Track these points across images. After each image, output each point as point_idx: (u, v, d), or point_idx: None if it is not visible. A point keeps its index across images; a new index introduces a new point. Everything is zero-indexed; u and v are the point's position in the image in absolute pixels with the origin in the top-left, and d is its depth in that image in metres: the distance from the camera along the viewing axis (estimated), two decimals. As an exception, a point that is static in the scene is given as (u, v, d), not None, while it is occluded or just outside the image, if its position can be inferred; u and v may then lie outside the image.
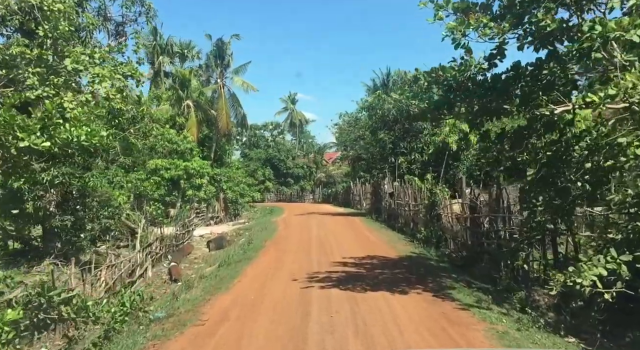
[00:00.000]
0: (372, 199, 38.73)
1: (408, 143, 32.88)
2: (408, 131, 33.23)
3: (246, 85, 44.63)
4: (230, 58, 45.08)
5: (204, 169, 40.56)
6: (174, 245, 28.53)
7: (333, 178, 68.12)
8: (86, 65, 14.51)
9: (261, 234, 26.72)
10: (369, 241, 20.33)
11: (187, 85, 43.09)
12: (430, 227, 19.94)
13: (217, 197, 44.36)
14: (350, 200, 47.39)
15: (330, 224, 28.33)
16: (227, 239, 31.13)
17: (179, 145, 39.29)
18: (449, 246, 18.36)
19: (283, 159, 69.45)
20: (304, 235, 22.81)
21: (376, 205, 35.88)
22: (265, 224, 32.03)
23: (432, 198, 19.95)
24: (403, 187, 27.27)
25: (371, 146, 35.00)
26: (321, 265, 14.69)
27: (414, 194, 24.40)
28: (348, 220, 31.60)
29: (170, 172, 38.68)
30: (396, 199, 27.99)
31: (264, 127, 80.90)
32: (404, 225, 25.51)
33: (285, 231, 25.76)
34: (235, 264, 16.99)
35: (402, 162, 32.29)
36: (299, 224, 29.09)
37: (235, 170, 46.77)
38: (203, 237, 34.60)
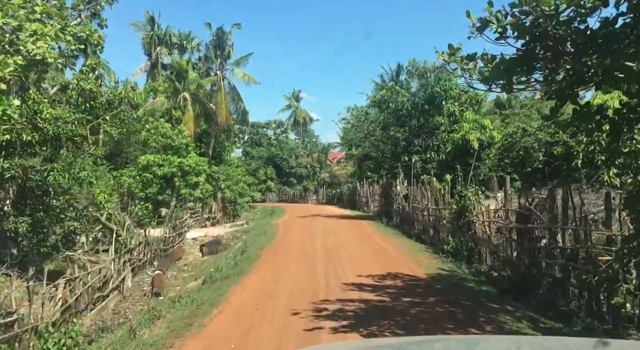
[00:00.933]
0: (381, 201, 35.08)
1: (423, 140, 29.24)
2: (423, 127, 29.57)
3: (247, 77, 41.08)
4: (231, 49, 41.55)
5: (200, 166, 36.95)
6: (162, 249, 25.03)
7: (337, 178, 64.54)
8: (22, 21, 10.95)
9: (259, 239, 23.13)
10: (385, 252, 16.68)
11: (184, 77, 39.50)
12: (459, 236, 16.29)
13: (215, 197, 40.81)
14: (357, 202, 43.76)
15: (336, 229, 24.73)
16: (223, 242, 27.60)
17: (173, 140, 35.71)
18: (484, 261, 14.72)
19: (286, 158, 65.89)
20: (307, 243, 19.17)
21: (386, 208, 32.24)
22: (265, 227, 28.44)
23: (461, 202, 16.30)
24: (420, 189, 23.62)
25: (382, 143, 31.38)
26: (330, 289, 11.06)
27: (434, 197, 20.75)
28: (356, 224, 27.98)
29: (163, 168, 35.09)
30: (411, 202, 24.36)
31: (267, 126, 77.38)
32: (422, 231, 21.86)
33: (285, 237, 22.17)
34: (221, 282, 13.41)
35: (417, 161, 28.65)
36: (301, 228, 25.49)
37: (235, 169, 43.19)
38: (196, 240, 31.08)
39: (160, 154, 35.79)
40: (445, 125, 29.05)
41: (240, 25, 41.62)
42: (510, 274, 12.57)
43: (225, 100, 40.60)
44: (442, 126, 29.04)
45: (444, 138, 28.87)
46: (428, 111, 29.65)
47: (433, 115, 29.47)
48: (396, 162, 29.80)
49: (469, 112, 28.34)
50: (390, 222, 28.65)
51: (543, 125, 25.70)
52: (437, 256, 16.11)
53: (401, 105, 29.24)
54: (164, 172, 34.92)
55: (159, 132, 35.75)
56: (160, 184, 35.57)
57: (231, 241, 29.32)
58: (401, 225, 26.25)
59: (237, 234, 30.28)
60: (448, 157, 28.27)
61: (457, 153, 27.95)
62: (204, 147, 41.53)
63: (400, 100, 29.27)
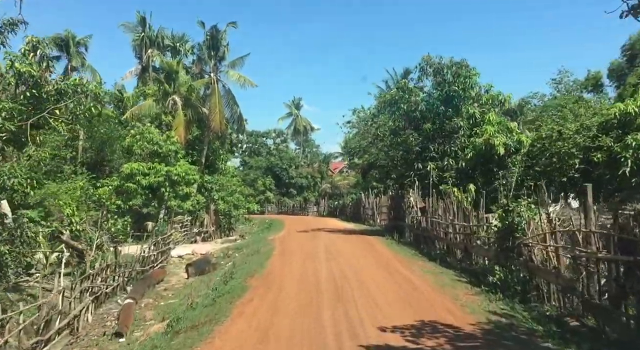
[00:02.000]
0: (390, 214, 31.02)
1: (439, 146, 25.24)
2: (439, 131, 25.59)
3: (243, 79, 37.12)
4: (225, 49, 37.66)
5: (190, 176, 32.92)
6: (140, 270, 20.98)
7: (339, 189, 60.52)
8: None
9: (250, 261, 19.09)
10: (410, 285, 12.51)
11: (174, 78, 35.61)
12: (507, 264, 12.20)
13: (207, 209, 36.73)
14: (361, 215, 39.66)
15: (342, 248, 20.62)
16: (212, 261, 23.56)
17: (160, 147, 31.72)
18: (546, 300, 10.65)
19: (285, 167, 61.89)
20: (307, 270, 14.98)
21: (396, 223, 28.17)
22: (259, 244, 24.36)
23: (508, 218, 12.23)
24: (442, 201, 19.58)
25: (392, 149, 27.36)
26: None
27: (462, 211, 16.68)
28: (363, 241, 23.89)
29: (149, 178, 31.06)
30: (431, 216, 20.29)
31: (266, 135, 73.50)
32: (447, 253, 17.80)
33: (281, 260, 18.04)
34: (189, 332, 9.36)
35: (432, 169, 24.65)
36: (300, 247, 21.39)
37: (230, 178, 39.14)
38: (183, 258, 26.96)
39: (146, 161, 31.82)
40: (464, 128, 25.08)
41: (236, 24, 37.83)
42: (603, 325, 8.50)
43: (220, 104, 36.67)
44: (461, 130, 25.07)
45: (464, 143, 24.90)
46: (444, 113, 25.70)
47: (450, 117, 25.51)
48: (408, 171, 25.78)
49: (492, 113, 24.40)
50: (402, 239, 24.60)
51: (582, 127, 21.76)
52: (478, 290, 12.00)
53: (414, 106, 25.29)
54: (150, 181, 30.91)
55: (145, 138, 31.82)
56: (145, 195, 31.55)
57: (222, 260, 25.34)
58: (416, 243, 22.18)
59: (229, 252, 26.24)
60: (468, 165, 24.27)
61: (478, 160, 23.98)
62: (196, 155, 37.57)
63: (413, 100, 25.32)
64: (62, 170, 30.87)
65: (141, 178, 30.64)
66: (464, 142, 24.85)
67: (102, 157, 32.49)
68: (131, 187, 30.44)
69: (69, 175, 30.20)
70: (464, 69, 24.59)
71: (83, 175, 30.89)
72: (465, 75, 24.46)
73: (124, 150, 32.27)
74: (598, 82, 60.26)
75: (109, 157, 32.35)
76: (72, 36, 39.65)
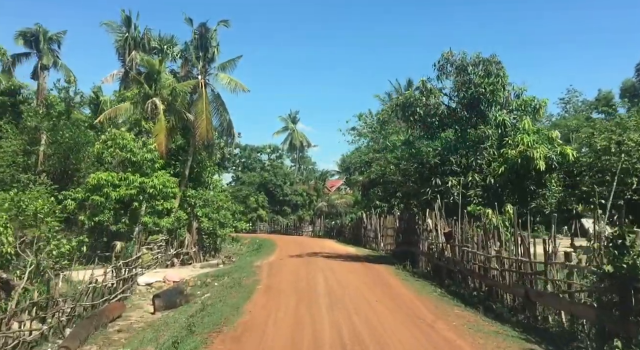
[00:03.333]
0: (399, 238, 26.15)
1: (463, 158, 20.51)
2: (462, 141, 20.90)
3: (234, 83, 32.43)
4: (215, 50, 33.06)
5: (169, 188, 28.00)
6: (90, 305, 16.04)
7: (336, 208, 55.60)
8: None
9: (226, 297, 14.18)
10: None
11: (155, 79, 30.92)
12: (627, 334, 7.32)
13: (189, 227, 31.76)
14: (362, 237, 34.69)
15: (348, 283, 15.61)
16: (186, 292, 18.65)
17: (134, 154, 26.86)
18: None
19: (280, 184, 57.00)
20: (303, 328, 9.78)
21: (406, 248, 23.28)
22: (241, 274, 19.36)
23: (625, 259, 7.41)
24: (478, 226, 14.74)
25: (403, 162, 22.56)
26: None
27: (517, 241, 11.80)
28: (372, 272, 18.93)
29: (119, 190, 26.16)
30: (461, 244, 15.41)
31: (261, 150, 68.76)
32: (487, 296, 12.91)
33: (265, 302, 12.99)
34: None
35: (454, 186, 19.88)
36: (293, 281, 16.35)
37: (218, 194, 34.20)
38: (152, 286, 21.98)
39: (118, 171, 26.93)
40: (492, 138, 20.39)
41: (228, 23, 33.27)
42: None
43: (207, 110, 31.92)
44: (489, 140, 20.37)
45: (492, 155, 20.17)
46: (468, 119, 21.08)
47: (475, 125, 20.86)
48: (424, 187, 20.96)
49: (528, 120, 19.76)
50: (416, 269, 19.71)
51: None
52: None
53: (434, 109, 20.61)
54: (121, 194, 25.99)
55: (117, 144, 26.97)
56: (115, 210, 26.58)
57: (198, 289, 20.37)
58: (437, 277, 17.25)
59: (207, 280, 21.26)
60: (498, 182, 19.53)
61: (511, 176, 19.26)
62: (179, 167, 32.65)
63: (433, 102, 20.67)
64: (19, 180, 25.97)
65: (110, 190, 25.70)
66: (492, 154, 20.13)
67: (67, 166, 27.58)
68: (98, 200, 25.50)
69: (26, 185, 25.30)
70: (495, 66, 20.01)
71: (43, 185, 25.99)
72: (497, 74, 19.88)
73: (94, 158, 27.39)
74: (610, 102, 55.88)
75: (74, 166, 27.44)
76: (43, 31, 34.97)
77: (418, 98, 20.88)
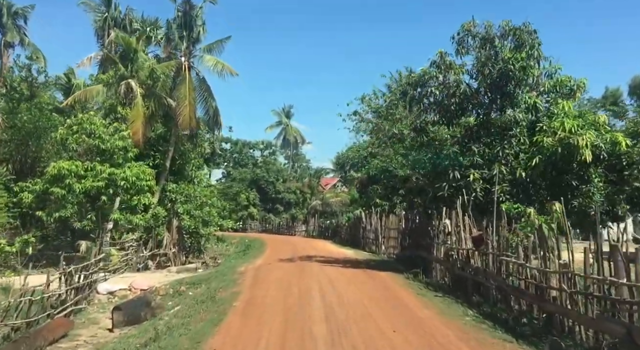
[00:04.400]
0: (405, 241, 22.51)
1: (487, 147, 16.85)
2: (485, 127, 17.26)
3: (221, 66, 28.65)
4: (201, 29, 29.29)
5: (143, 181, 24.20)
6: (25, 323, 12.30)
7: (330, 207, 51.85)
8: None
9: (191, 318, 10.45)
10: None
11: (132, 59, 27.11)
12: None
13: (169, 224, 27.96)
14: (360, 239, 30.97)
15: (349, 300, 11.83)
16: (153, 303, 14.96)
17: (103, 141, 23.06)
18: None
19: (272, 181, 53.19)
20: None
21: (415, 253, 19.68)
22: (219, 283, 15.55)
23: None
24: (525, 229, 11.08)
25: (412, 153, 18.87)
26: None
27: (588, 251, 8.14)
28: (378, 283, 15.20)
29: (85, 182, 22.35)
30: (497, 253, 11.73)
31: (254, 146, 64.97)
32: (547, 324, 9.24)
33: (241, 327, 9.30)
34: None
35: (476, 180, 16.22)
36: (282, 295, 12.54)
37: (202, 189, 30.38)
38: (114, 295, 18.24)
39: (84, 160, 23.11)
40: (522, 125, 16.75)
41: (215, 0, 29.48)
42: None
43: (190, 96, 28.14)
44: (518, 126, 16.72)
45: (523, 144, 16.53)
46: (492, 102, 17.43)
47: (502, 108, 17.22)
48: (439, 181, 17.27)
49: (567, 102, 16.14)
50: (428, 279, 16.08)
51: None
52: None
53: (454, 88, 16.93)
54: (86, 186, 22.17)
55: (83, 129, 23.15)
56: (80, 205, 22.78)
57: (169, 299, 16.69)
58: (460, 291, 13.59)
59: (181, 287, 17.55)
60: (531, 176, 15.89)
61: (547, 168, 15.63)
62: (159, 158, 28.84)
63: (453, 80, 16.97)
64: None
65: (74, 182, 21.87)
66: (522, 143, 16.48)
67: (26, 154, 23.69)
68: (59, 193, 21.67)
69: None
70: (528, 36, 16.35)
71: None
72: (532, 45, 16.22)
73: (57, 144, 23.51)
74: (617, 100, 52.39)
75: (34, 154, 23.56)
76: (7, 5, 30.96)
77: (434, 75, 17.17)
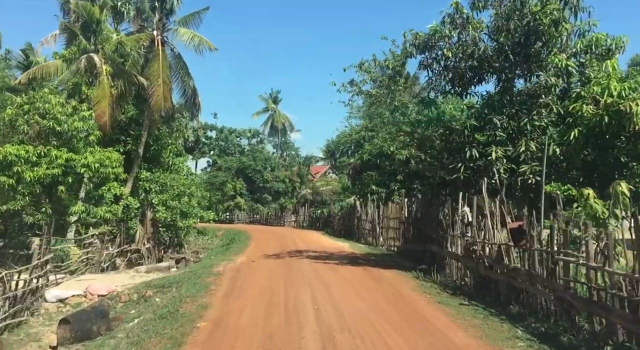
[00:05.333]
0: (409, 233, 19.37)
1: (512, 119, 13.70)
2: (509, 95, 14.10)
3: (197, 40, 25.20)
4: (175, 0, 25.80)
5: (108, 168, 20.82)
6: None
7: (321, 196, 48.71)
8: None
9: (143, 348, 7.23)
10: None
11: (95, 31, 23.61)
12: None
13: (143, 217, 24.67)
14: (355, 229, 27.85)
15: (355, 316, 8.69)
16: (112, 314, 11.75)
17: (59, 123, 19.60)
18: None
19: (260, 169, 49.84)
20: None
21: (422, 247, 16.61)
22: (187, 291, 12.28)
23: None
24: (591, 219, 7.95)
25: (420, 128, 15.67)
26: None
27: None
28: (382, 284, 12.08)
29: (38, 169, 18.94)
30: (554, 250, 8.60)
31: (241, 134, 61.47)
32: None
33: None
34: None
35: (498, 159, 13.10)
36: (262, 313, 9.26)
37: (179, 177, 27.00)
38: (65, 303, 14.98)
39: (36, 144, 19.66)
40: (553, 92, 13.62)
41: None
42: None
43: (165, 73, 24.68)
44: (550, 94, 13.60)
45: (556, 114, 13.42)
46: (517, 65, 14.26)
47: (529, 72, 14.08)
48: (453, 161, 14.11)
49: (612, 61, 13.02)
50: (442, 278, 13.04)
51: None
52: None
53: (473, 47, 13.71)
54: (39, 174, 18.75)
55: (35, 108, 19.66)
56: (32, 195, 19.37)
57: (133, 306, 13.51)
58: (488, 295, 10.56)
59: (147, 291, 14.28)
60: (568, 151, 12.78)
61: (588, 143, 12.55)
62: (131, 143, 25.45)
63: (471, 37, 13.76)
64: None
65: (24, 169, 18.44)
66: (555, 112, 13.36)
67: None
68: (5, 182, 18.24)
69: None
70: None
71: None
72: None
73: (6, 127, 19.99)
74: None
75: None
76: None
77: (447, 34, 13.94)
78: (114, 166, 20.97)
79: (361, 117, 35.14)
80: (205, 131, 54.66)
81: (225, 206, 49.18)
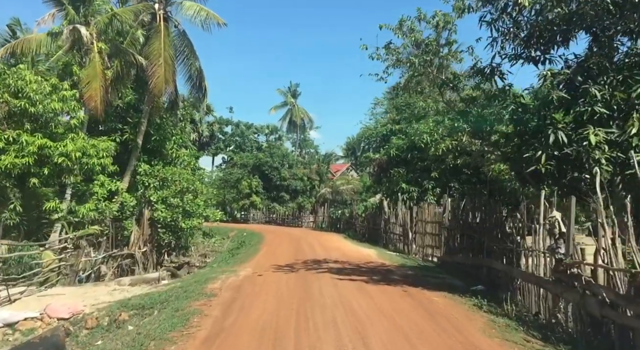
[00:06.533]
0: (452, 242, 15.27)
1: (615, 89, 9.56)
2: (608, 57, 9.94)
3: (204, 14, 21.50)
4: (180, -32, 22.15)
5: (93, 158, 17.19)
6: None
7: (341, 195, 44.81)
8: None
9: None
10: None
11: (83, 1, 20.10)
12: None
13: (140, 216, 21.07)
14: (382, 233, 23.84)
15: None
16: (67, 344, 7.60)
17: (32, 103, 16.01)
18: None
19: (277, 166, 46.09)
20: None
21: (473, 260, 12.58)
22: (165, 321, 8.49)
23: None
24: None
25: (477, 107, 11.68)
26: None
27: None
28: (441, 325, 8.19)
29: (5, 157, 15.37)
30: None
31: (258, 130, 57.89)
32: None
33: None
34: None
35: (599, 143, 9.05)
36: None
37: (182, 170, 23.31)
38: (15, 329, 11.18)
39: (4, 128, 16.11)
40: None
41: None
42: None
43: (167, 52, 21.05)
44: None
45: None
46: (620, 18, 10.13)
47: (636, 29, 9.94)
48: (527, 150, 10.04)
49: None
50: (517, 312, 9.03)
51: None
52: None
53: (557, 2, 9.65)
54: (5, 164, 15.21)
55: (6, 85, 16.12)
56: (1, 189, 15.80)
57: (100, 333, 9.57)
58: (602, 348, 6.51)
59: (121, 314, 10.46)
60: None
61: None
62: (128, 132, 21.88)
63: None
64: None
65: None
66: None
67: None
68: (-36, 173, 14.70)
69: None
70: None
71: None
72: None
73: (-27, 108, 16.47)
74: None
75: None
76: None
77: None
78: (100, 156, 17.34)
79: (388, 109, 31.14)
80: (221, 126, 51.11)
81: (240, 205, 45.58)
